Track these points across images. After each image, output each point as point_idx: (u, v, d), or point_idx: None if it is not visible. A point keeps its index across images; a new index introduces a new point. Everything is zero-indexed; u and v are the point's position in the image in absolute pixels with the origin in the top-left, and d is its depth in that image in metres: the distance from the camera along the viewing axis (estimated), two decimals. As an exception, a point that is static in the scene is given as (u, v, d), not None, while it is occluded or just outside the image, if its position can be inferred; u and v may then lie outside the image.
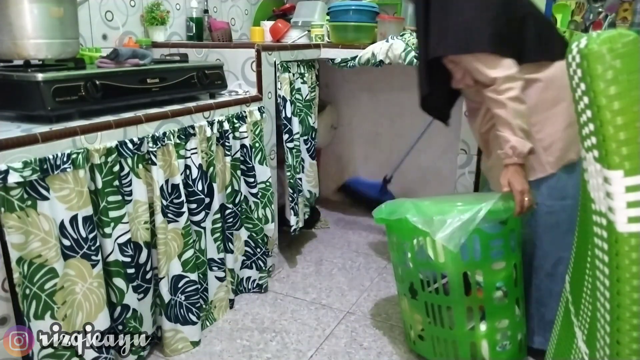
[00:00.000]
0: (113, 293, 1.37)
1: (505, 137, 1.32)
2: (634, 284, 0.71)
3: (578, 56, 0.75)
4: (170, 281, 1.52)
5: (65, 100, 1.26)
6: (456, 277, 1.39)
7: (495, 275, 1.40)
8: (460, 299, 1.40)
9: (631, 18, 1.91)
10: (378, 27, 2.18)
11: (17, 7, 1.31)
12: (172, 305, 1.54)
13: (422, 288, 1.46)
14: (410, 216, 1.38)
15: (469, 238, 1.32)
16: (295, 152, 2.09)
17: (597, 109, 0.72)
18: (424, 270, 1.45)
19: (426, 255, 1.41)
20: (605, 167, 0.72)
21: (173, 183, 1.48)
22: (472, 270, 1.39)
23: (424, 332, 1.52)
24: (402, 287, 1.57)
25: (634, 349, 0.72)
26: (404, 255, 1.50)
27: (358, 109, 2.86)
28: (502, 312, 1.44)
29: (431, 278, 1.44)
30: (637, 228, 0.70)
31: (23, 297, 1.15)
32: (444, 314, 1.44)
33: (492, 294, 1.42)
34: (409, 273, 1.50)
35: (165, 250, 1.48)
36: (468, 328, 1.43)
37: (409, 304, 1.54)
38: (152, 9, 2.03)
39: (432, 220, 1.34)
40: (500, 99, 1.30)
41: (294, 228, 2.13)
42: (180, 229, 1.51)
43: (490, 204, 1.33)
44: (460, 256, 1.36)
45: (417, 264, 1.45)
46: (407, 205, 1.41)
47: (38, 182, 1.14)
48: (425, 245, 1.40)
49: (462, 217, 1.32)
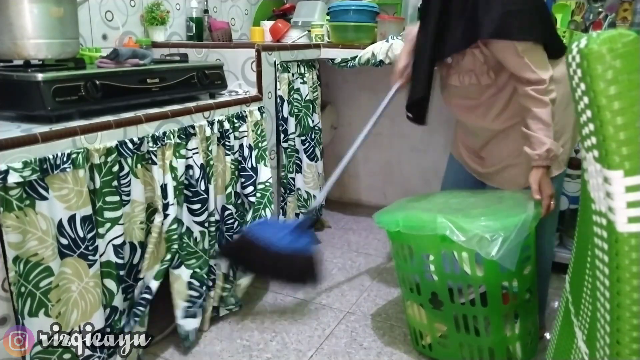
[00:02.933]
0: (103, 294, 1.36)
1: (540, 138, 1.30)
2: (634, 284, 0.71)
3: (578, 56, 0.75)
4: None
5: (65, 100, 1.26)
6: (495, 289, 1.37)
7: (526, 280, 1.42)
8: (499, 309, 1.40)
9: (631, 18, 1.91)
10: (378, 27, 2.18)
11: (17, 7, 1.31)
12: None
13: (452, 299, 1.43)
14: (451, 234, 1.31)
15: None
16: (290, 152, 2.10)
17: (597, 109, 0.72)
18: (455, 283, 1.41)
19: (460, 270, 1.38)
20: (605, 167, 0.72)
21: (174, 183, 1.47)
22: (510, 279, 1.39)
23: (448, 338, 1.50)
24: (416, 297, 1.52)
25: (634, 349, 0.72)
26: (422, 267, 1.45)
27: (358, 109, 2.86)
28: (530, 312, 1.47)
29: (465, 289, 1.40)
30: (637, 228, 0.70)
31: (18, 295, 1.15)
32: (480, 324, 1.42)
33: (524, 298, 1.43)
34: (431, 285, 1.45)
35: (152, 250, 1.46)
36: (507, 334, 1.44)
37: (428, 314, 1.51)
38: (152, 9, 2.03)
39: (480, 237, 1.27)
40: (544, 99, 1.28)
41: None
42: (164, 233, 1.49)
43: (531, 214, 1.31)
44: (500, 269, 1.33)
45: (445, 277, 1.41)
46: (442, 222, 1.33)
47: (37, 182, 1.14)
48: (460, 260, 1.36)
49: (512, 233, 1.27)
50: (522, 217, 1.30)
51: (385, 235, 2.50)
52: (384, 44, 2.05)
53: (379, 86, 2.75)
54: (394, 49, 2.01)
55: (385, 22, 2.17)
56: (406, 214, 1.45)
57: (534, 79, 1.29)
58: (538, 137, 1.30)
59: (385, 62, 2.06)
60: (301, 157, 2.20)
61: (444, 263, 1.40)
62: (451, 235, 1.30)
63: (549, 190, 1.33)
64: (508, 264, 1.28)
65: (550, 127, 1.30)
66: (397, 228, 1.43)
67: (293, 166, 2.16)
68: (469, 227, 1.30)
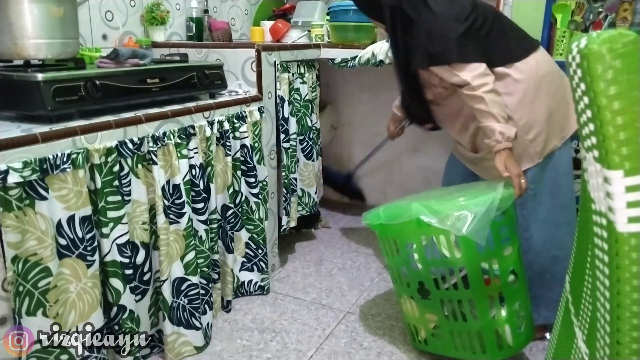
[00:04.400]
0: (110, 293, 1.37)
1: (490, 126, 1.40)
2: (634, 284, 0.71)
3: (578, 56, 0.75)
4: (172, 284, 1.52)
5: (65, 100, 1.26)
6: (475, 269, 1.40)
7: (508, 261, 1.43)
8: (482, 290, 1.42)
9: (631, 18, 1.91)
10: (378, 27, 2.18)
11: (17, 7, 1.31)
12: (175, 308, 1.53)
13: (437, 286, 1.46)
14: (425, 217, 1.36)
15: None
16: (291, 152, 2.10)
17: (597, 109, 0.72)
18: (437, 269, 1.45)
19: (440, 254, 1.41)
20: (605, 167, 0.72)
21: (174, 183, 1.48)
22: (489, 260, 1.42)
23: (440, 329, 1.52)
24: (407, 290, 1.55)
25: (634, 349, 0.72)
26: (408, 258, 1.48)
27: (358, 109, 2.86)
28: (516, 294, 1.47)
29: (447, 274, 1.44)
30: (637, 228, 0.70)
31: (16, 294, 1.15)
32: (465, 308, 1.44)
33: (507, 280, 1.44)
34: (417, 274, 1.49)
35: (167, 251, 1.48)
36: (492, 316, 1.45)
37: (419, 305, 1.54)
38: (152, 9, 2.03)
39: (451, 217, 1.33)
40: (477, 94, 1.39)
41: (284, 227, 2.13)
42: (182, 230, 1.51)
43: (499, 193, 1.35)
44: (477, 248, 1.37)
45: (428, 264, 1.45)
46: (416, 207, 1.40)
47: (37, 182, 1.14)
48: (439, 243, 1.40)
49: (481, 210, 1.31)
50: (491, 196, 1.34)
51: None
52: (384, 44, 2.05)
53: (379, 86, 2.75)
54: (394, 49, 2.02)
55: (385, 22, 2.16)
56: (385, 205, 1.51)
57: (460, 82, 1.41)
58: (488, 126, 1.40)
59: (385, 62, 2.06)
60: (299, 156, 2.20)
61: (425, 250, 1.44)
62: (425, 218, 1.36)
63: (515, 170, 1.40)
64: (479, 239, 1.31)
65: (494, 114, 1.38)
66: (379, 220, 1.47)
67: (295, 166, 2.16)
68: (441, 209, 1.35)
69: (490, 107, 1.39)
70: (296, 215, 2.22)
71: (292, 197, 2.17)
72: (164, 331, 1.55)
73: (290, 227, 2.20)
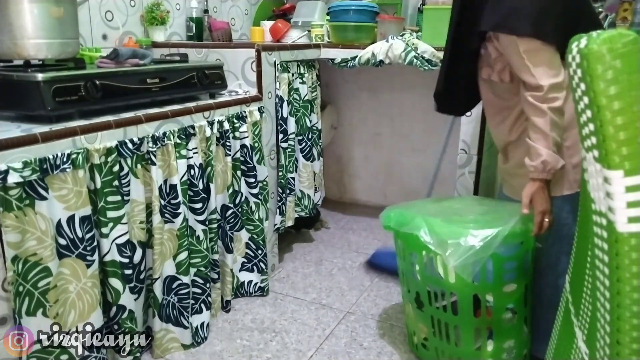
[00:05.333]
0: (109, 293, 1.37)
1: (537, 148, 1.21)
2: (634, 284, 0.71)
3: (578, 56, 0.75)
4: (163, 282, 1.52)
5: (65, 100, 1.26)
6: (466, 298, 1.35)
7: (506, 298, 1.37)
8: (469, 320, 1.37)
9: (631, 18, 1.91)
10: (378, 27, 2.18)
11: (17, 7, 1.31)
12: (164, 306, 1.54)
13: (429, 302, 1.42)
14: (423, 235, 1.31)
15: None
16: (289, 152, 2.10)
17: (597, 109, 0.72)
18: (432, 286, 1.41)
19: (436, 273, 1.36)
20: (605, 167, 0.72)
21: (171, 183, 1.48)
22: (483, 292, 1.36)
23: (428, 342, 1.50)
24: (407, 295, 1.54)
25: (634, 349, 0.72)
26: (411, 266, 1.46)
27: (358, 109, 2.86)
28: (510, 332, 1.41)
29: (439, 293, 1.40)
30: (637, 228, 0.70)
31: (16, 294, 1.15)
32: (450, 331, 1.41)
33: (501, 316, 1.38)
34: (416, 284, 1.47)
35: (161, 250, 1.48)
36: (475, 348, 1.40)
37: (414, 313, 1.52)
38: (152, 9, 2.03)
39: (445, 242, 1.26)
40: (541, 107, 1.19)
41: (277, 227, 2.12)
42: (176, 230, 1.51)
43: (507, 229, 1.25)
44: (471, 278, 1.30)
45: (425, 278, 1.41)
46: (418, 221, 1.34)
47: (37, 182, 1.14)
48: (436, 262, 1.35)
49: (477, 245, 1.23)
50: (496, 230, 1.24)
51: (385, 235, 2.51)
52: (384, 44, 2.05)
53: (379, 86, 2.75)
54: (394, 49, 2.01)
55: (385, 22, 2.16)
56: (399, 211, 1.46)
57: (532, 84, 1.20)
58: (535, 147, 1.22)
59: (385, 62, 2.06)
60: (297, 156, 2.20)
61: (425, 265, 1.39)
62: (423, 237, 1.30)
63: (540, 207, 1.24)
64: (465, 275, 1.24)
65: (550, 138, 1.20)
66: (389, 223, 1.44)
67: (293, 166, 2.16)
68: (441, 231, 1.28)
69: (548, 127, 1.19)
70: (293, 215, 2.21)
71: (289, 197, 2.17)
72: (152, 327, 1.56)
73: (287, 227, 2.19)
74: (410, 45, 1.99)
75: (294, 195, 2.21)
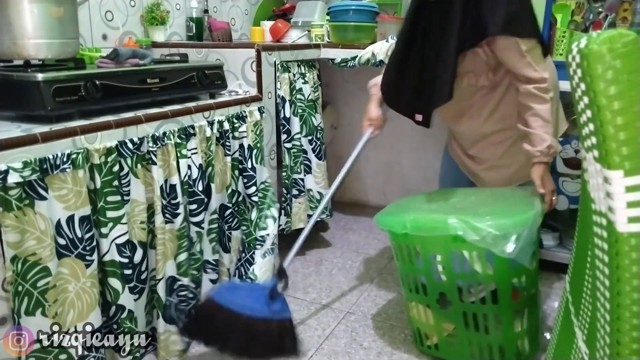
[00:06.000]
0: (108, 293, 1.37)
1: (541, 135, 1.33)
2: (634, 284, 0.71)
3: (578, 56, 0.75)
4: (166, 282, 1.52)
5: (65, 100, 1.26)
6: (506, 285, 1.38)
7: (534, 275, 1.44)
8: (510, 306, 1.40)
9: (631, 18, 1.91)
10: (378, 27, 2.18)
11: (17, 7, 1.31)
12: (167, 307, 1.53)
13: (460, 299, 1.43)
14: (465, 234, 1.30)
15: None
16: (295, 153, 2.09)
17: (597, 109, 0.72)
18: (465, 282, 1.42)
19: (470, 269, 1.38)
20: (605, 167, 0.72)
21: (171, 183, 1.48)
22: (520, 276, 1.40)
23: (457, 337, 1.50)
24: (422, 298, 1.51)
25: (634, 349, 0.72)
26: (431, 267, 1.44)
27: (358, 109, 2.85)
28: (536, 306, 1.49)
29: (476, 288, 1.42)
30: (637, 228, 0.70)
31: (15, 294, 1.15)
32: (489, 321, 1.43)
33: (531, 293, 1.45)
34: (439, 285, 1.45)
35: (163, 250, 1.48)
36: (517, 330, 1.44)
37: (435, 313, 1.50)
38: (152, 9, 2.03)
39: (491, 235, 1.28)
40: (545, 97, 1.33)
41: (282, 228, 2.11)
42: (176, 230, 1.51)
43: (538, 211, 1.32)
44: (511, 265, 1.34)
45: (454, 277, 1.41)
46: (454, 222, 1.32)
47: (37, 182, 1.14)
48: (471, 259, 1.37)
49: (525, 230, 1.27)
50: (532, 214, 1.30)
51: (385, 235, 2.50)
52: (384, 44, 2.05)
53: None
54: (394, 49, 2.01)
55: (385, 22, 2.17)
56: (415, 216, 1.44)
57: (537, 77, 1.32)
58: (538, 134, 1.33)
59: (385, 62, 2.06)
60: (310, 157, 2.18)
61: (453, 263, 1.40)
62: (465, 236, 1.30)
63: (550, 186, 1.37)
64: (524, 260, 1.29)
65: (550, 125, 1.33)
66: (405, 230, 1.41)
67: (301, 167, 2.14)
68: (482, 226, 1.29)
69: (549, 115, 1.32)
70: (305, 217, 2.17)
71: (299, 199, 2.15)
72: (157, 329, 1.55)
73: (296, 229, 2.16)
74: (410, 45, 1.98)
75: (305, 197, 2.19)
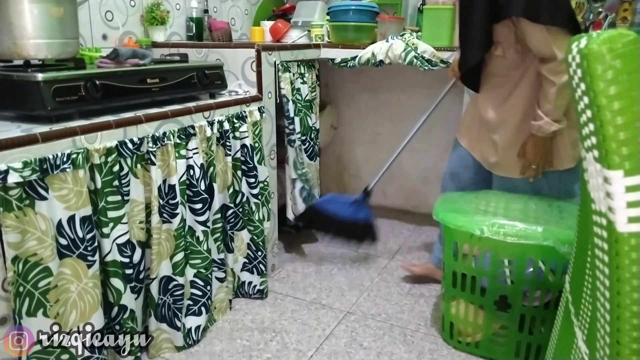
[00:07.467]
0: (110, 293, 1.37)
1: (539, 114, 1.45)
2: (634, 284, 0.71)
3: (578, 56, 0.75)
4: (160, 282, 1.52)
5: (65, 100, 1.26)
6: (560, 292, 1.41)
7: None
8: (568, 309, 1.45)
9: (631, 18, 1.91)
10: (378, 27, 2.18)
11: (17, 7, 1.31)
12: (160, 306, 1.54)
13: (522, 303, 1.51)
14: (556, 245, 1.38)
15: None
16: (298, 149, 2.13)
17: (597, 109, 0.72)
18: (532, 288, 1.49)
19: (544, 276, 1.45)
20: (605, 167, 0.72)
21: (170, 184, 1.48)
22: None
23: (506, 337, 1.58)
24: (476, 298, 1.58)
25: (634, 349, 0.72)
26: (499, 271, 1.53)
27: (358, 109, 2.86)
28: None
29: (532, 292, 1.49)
30: (637, 228, 0.70)
31: (16, 294, 1.15)
32: (539, 324, 1.51)
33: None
34: (502, 288, 1.54)
35: (158, 250, 1.48)
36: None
37: (487, 314, 1.58)
38: (152, 9, 2.03)
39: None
40: (552, 79, 1.39)
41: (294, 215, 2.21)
42: (173, 230, 1.51)
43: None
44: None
45: (523, 282, 1.49)
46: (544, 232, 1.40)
47: (37, 182, 1.14)
48: (547, 268, 1.44)
49: None
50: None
51: (385, 235, 2.51)
52: (384, 44, 2.05)
53: (379, 86, 2.75)
54: (394, 49, 2.01)
55: (385, 22, 2.16)
56: (493, 220, 1.48)
57: (548, 55, 1.38)
58: (538, 113, 1.45)
59: (385, 62, 2.06)
60: (302, 156, 2.20)
61: (526, 269, 1.47)
62: (557, 247, 1.38)
63: (530, 156, 1.50)
64: None
65: (552, 107, 1.41)
66: (483, 234, 1.47)
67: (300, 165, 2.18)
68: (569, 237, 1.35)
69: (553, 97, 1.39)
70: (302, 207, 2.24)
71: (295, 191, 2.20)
72: (149, 327, 1.56)
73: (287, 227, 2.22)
74: (410, 45, 1.99)
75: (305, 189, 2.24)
